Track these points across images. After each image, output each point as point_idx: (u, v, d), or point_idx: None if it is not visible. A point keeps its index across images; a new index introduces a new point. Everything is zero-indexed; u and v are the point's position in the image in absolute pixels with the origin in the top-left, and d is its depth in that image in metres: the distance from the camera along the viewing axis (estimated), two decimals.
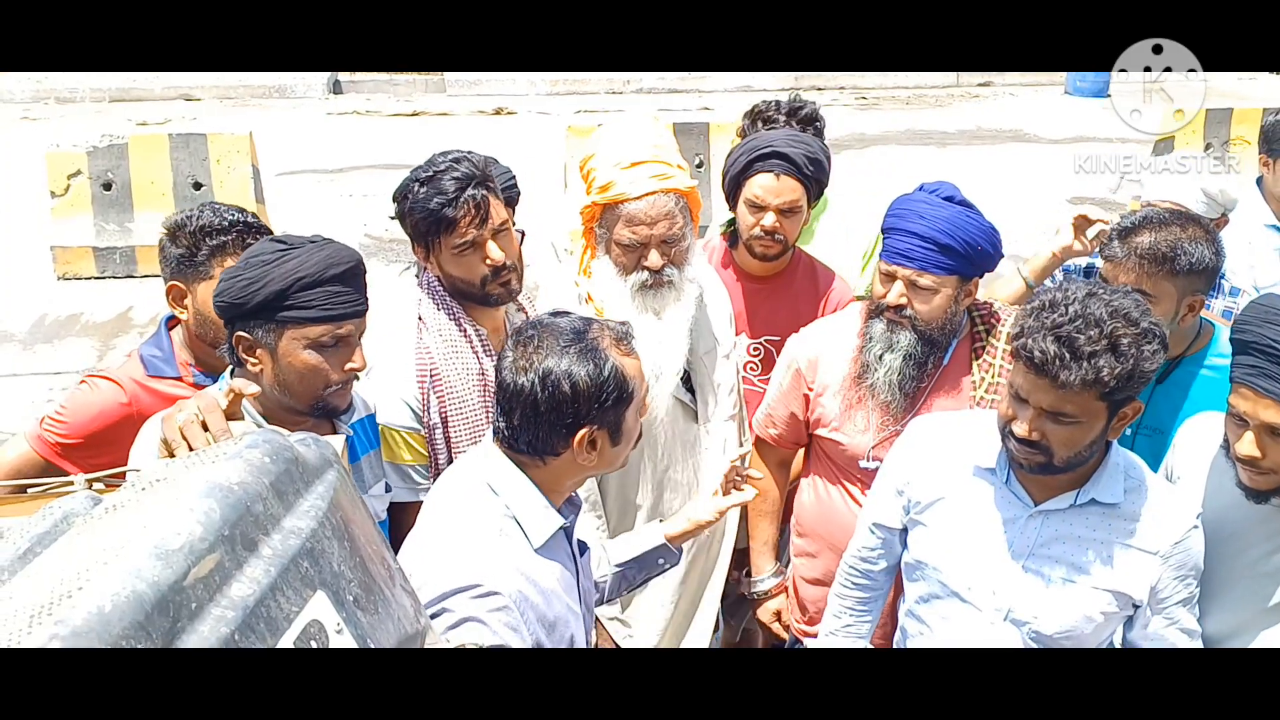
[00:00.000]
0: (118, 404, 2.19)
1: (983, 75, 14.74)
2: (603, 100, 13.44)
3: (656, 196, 2.30)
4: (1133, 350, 1.72)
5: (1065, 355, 1.71)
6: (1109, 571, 1.93)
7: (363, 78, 14.10)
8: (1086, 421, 1.79)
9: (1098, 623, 1.96)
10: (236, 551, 0.86)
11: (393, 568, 1.08)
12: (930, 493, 2.06)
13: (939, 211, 2.24)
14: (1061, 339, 1.72)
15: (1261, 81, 14.68)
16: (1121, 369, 1.72)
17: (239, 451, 0.95)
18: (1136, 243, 2.27)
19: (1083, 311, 1.73)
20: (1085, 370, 1.71)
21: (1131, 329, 1.73)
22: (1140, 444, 2.41)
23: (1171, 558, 1.93)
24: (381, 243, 7.88)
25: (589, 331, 1.71)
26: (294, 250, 1.86)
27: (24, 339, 6.39)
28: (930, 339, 2.31)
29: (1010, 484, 1.98)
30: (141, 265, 7.28)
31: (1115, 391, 1.75)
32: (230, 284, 1.86)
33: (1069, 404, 1.76)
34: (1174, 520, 1.94)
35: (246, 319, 1.86)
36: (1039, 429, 1.81)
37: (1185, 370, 2.39)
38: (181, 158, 7.33)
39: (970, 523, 2.01)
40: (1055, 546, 1.95)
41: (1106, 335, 1.72)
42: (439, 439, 2.27)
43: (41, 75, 13.34)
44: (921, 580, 2.10)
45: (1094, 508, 1.94)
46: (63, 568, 0.83)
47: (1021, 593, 1.97)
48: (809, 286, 2.86)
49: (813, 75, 14.58)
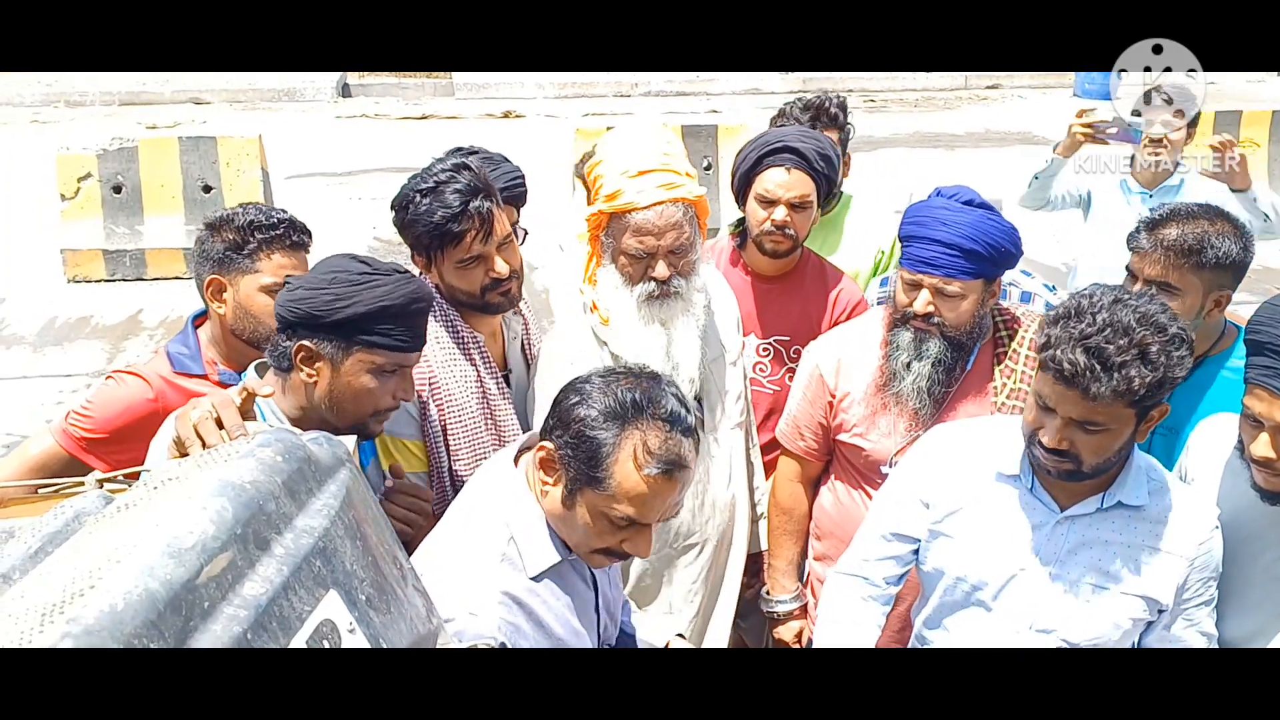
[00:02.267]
0: (144, 400, 2.19)
1: (991, 78, 14.71)
2: (610, 103, 13.45)
3: (665, 206, 2.27)
4: (1162, 358, 1.69)
5: (1096, 367, 1.68)
6: (1137, 576, 1.90)
7: (371, 81, 14.14)
8: (1116, 429, 1.76)
9: (1125, 629, 1.93)
10: (249, 550, 0.85)
11: (405, 567, 1.08)
12: (951, 502, 2.02)
13: (962, 217, 2.21)
14: (1091, 350, 1.68)
15: (1271, 83, 14.63)
16: (1152, 377, 1.68)
17: (251, 450, 0.94)
18: (1164, 235, 2.26)
19: (1110, 320, 1.69)
20: (1116, 382, 1.67)
21: (1160, 336, 1.70)
22: (1156, 444, 2.40)
23: (1197, 559, 1.91)
24: (390, 246, 7.89)
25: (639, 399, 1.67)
26: (381, 277, 1.89)
27: (34, 341, 6.41)
28: (958, 343, 2.29)
29: (1035, 490, 1.95)
30: (151, 268, 7.31)
31: (1145, 399, 1.72)
32: (311, 295, 1.87)
33: (1099, 414, 1.73)
34: (1198, 521, 1.92)
35: (318, 331, 1.87)
36: (1068, 438, 1.77)
37: (1206, 371, 2.37)
38: (191, 161, 7.36)
39: (995, 531, 1.97)
40: (1084, 552, 1.92)
41: (1136, 344, 1.68)
42: (439, 447, 2.26)
43: (52, 78, 13.41)
44: (943, 590, 2.06)
45: (1120, 511, 1.91)
46: (75, 566, 0.82)
47: (1050, 600, 1.94)
48: (818, 286, 2.84)
49: (820, 79, 14.56)
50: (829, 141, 2.79)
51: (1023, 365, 2.36)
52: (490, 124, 11.97)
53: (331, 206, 8.84)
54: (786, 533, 2.62)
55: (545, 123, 12.06)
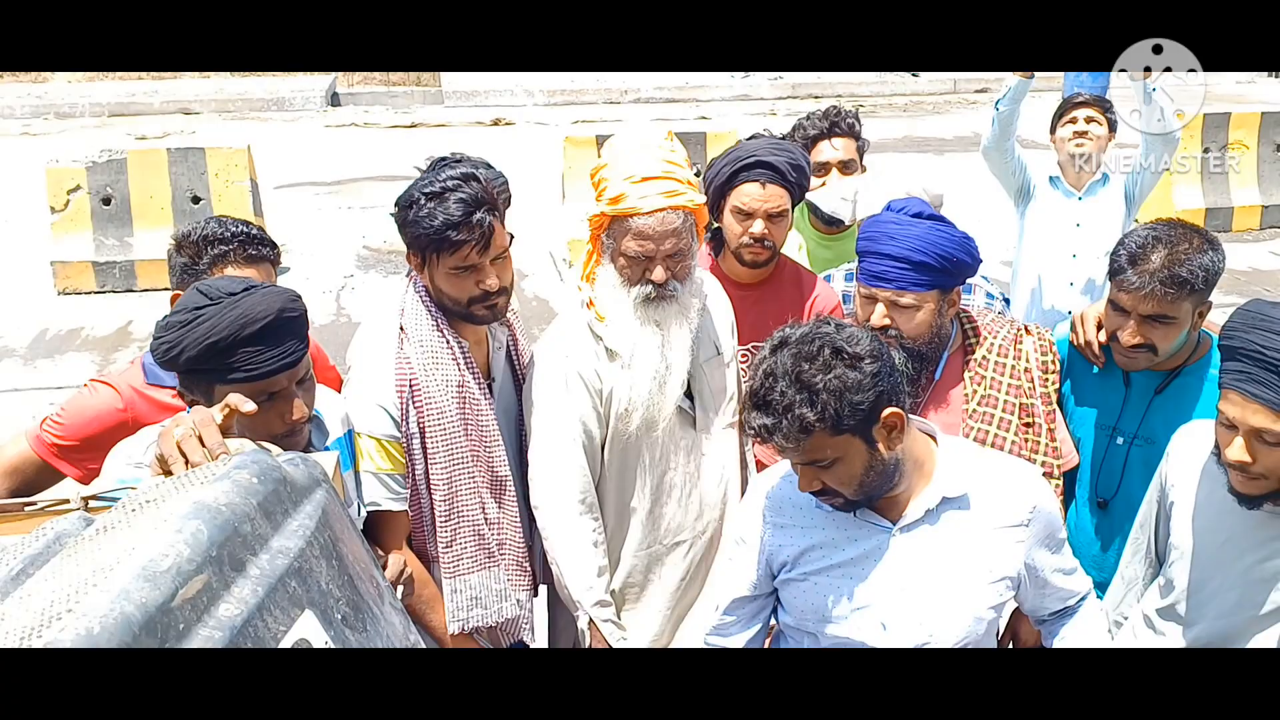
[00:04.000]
0: (114, 409, 2.21)
1: (980, 82, 14.78)
2: (600, 110, 13.48)
3: (666, 213, 2.31)
4: (819, 380, 1.73)
5: (767, 423, 1.75)
6: (984, 562, 1.92)
7: (360, 90, 14.15)
8: (844, 455, 1.79)
9: (989, 619, 1.94)
10: (224, 572, 0.87)
11: (382, 586, 1.09)
12: (796, 547, 1.98)
13: (911, 230, 2.24)
14: (760, 406, 1.76)
15: (1260, 85, 14.71)
16: (824, 403, 1.73)
17: (227, 472, 0.95)
18: (1153, 270, 2.22)
19: (767, 371, 1.77)
20: (787, 425, 1.74)
21: (812, 364, 1.75)
22: (1135, 454, 2.41)
23: (1034, 523, 1.95)
24: (380, 254, 7.91)
25: None
26: (206, 311, 1.78)
27: (24, 354, 6.42)
28: (919, 354, 2.31)
29: (861, 513, 1.93)
30: (141, 279, 7.32)
31: (841, 421, 1.74)
32: (156, 345, 1.80)
33: (815, 452, 1.78)
34: (1022, 489, 1.95)
35: (182, 377, 1.81)
36: (815, 478, 1.82)
37: (1184, 381, 2.38)
38: (180, 172, 7.37)
39: (840, 563, 1.95)
40: (926, 557, 1.92)
41: (793, 381, 1.74)
42: (416, 448, 2.29)
43: (41, 91, 13.40)
44: (806, 637, 2.02)
45: (946, 507, 1.92)
46: (52, 589, 0.84)
47: (909, 615, 1.92)
48: (794, 292, 2.87)
49: (810, 84, 14.64)
50: (799, 152, 2.83)
51: (992, 372, 2.37)
52: (480, 131, 12.00)
53: (321, 215, 8.85)
54: None
55: (535, 130, 12.09)
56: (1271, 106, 9.58)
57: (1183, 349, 2.34)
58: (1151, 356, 2.31)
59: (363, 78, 14.64)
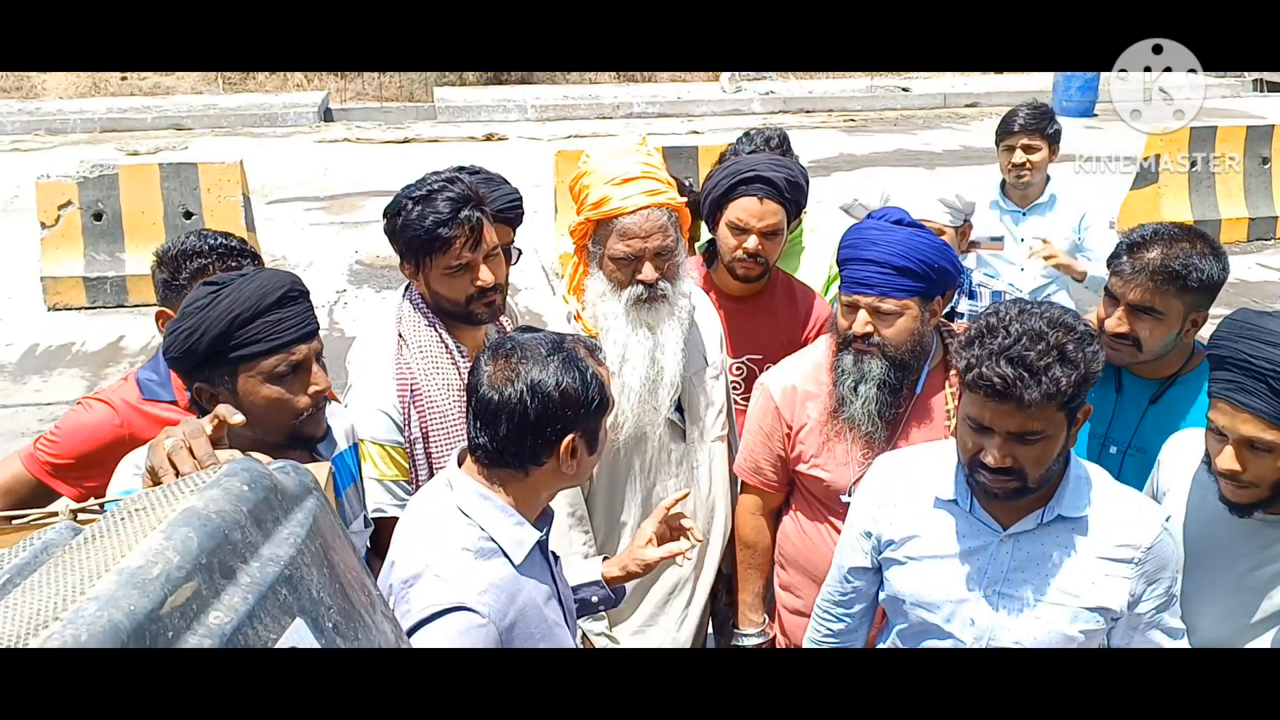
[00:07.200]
0: (110, 426, 2.20)
1: (970, 97, 14.88)
2: (592, 125, 13.53)
3: (650, 210, 2.34)
4: (1079, 354, 1.76)
5: (1024, 375, 1.73)
6: (1085, 588, 1.92)
7: (352, 105, 14.18)
8: (1053, 434, 1.81)
9: (1079, 641, 1.94)
10: (214, 579, 0.86)
11: (374, 594, 1.09)
12: (901, 530, 2.05)
13: (892, 236, 2.24)
14: (1014, 360, 1.74)
15: (1246, 99, 14.82)
16: (1076, 374, 1.75)
17: (217, 480, 0.95)
18: (1147, 259, 2.25)
19: (1024, 329, 1.76)
20: (1045, 384, 1.73)
21: (1071, 335, 1.77)
22: (1128, 464, 2.41)
23: (1146, 562, 1.93)
24: (373, 269, 7.91)
25: (565, 342, 1.74)
26: (225, 289, 1.82)
27: (14, 370, 6.39)
28: (901, 364, 2.29)
29: (975, 512, 1.97)
30: (132, 295, 7.30)
31: (1072, 399, 1.78)
32: (173, 338, 1.82)
33: (1035, 422, 1.78)
34: (1142, 524, 1.94)
35: (199, 369, 1.82)
36: (1009, 454, 1.81)
37: (1176, 391, 2.37)
38: (172, 187, 7.36)
39: (943, 556, 1.99)
40: (1029, 569, 1.94)
41: (1053, 345, 1.75)
42: (419, 453, 2.29)
43: (33, 106, 13.40)
44: (901, 616, 2.09)
45: (1061, 524, 1.93)
46: (40, 598, 0.83)
47: (999, 620, 1.95)
48: (788, 305, 2.88)
49: (801, 99, 14.73)
50: (798, 168, 2.84)
51: None
52: (472, 147, 12.02)
53: (313, 231, 8.85)
54: (751, 566, 2.61)
55: (527, 145, 12.12)
56: (1257, 120, 9.66)
57: (1173, 357, 2.34)
58: (1135, 351, 2.31)
59: (355, 93, 14.68)
